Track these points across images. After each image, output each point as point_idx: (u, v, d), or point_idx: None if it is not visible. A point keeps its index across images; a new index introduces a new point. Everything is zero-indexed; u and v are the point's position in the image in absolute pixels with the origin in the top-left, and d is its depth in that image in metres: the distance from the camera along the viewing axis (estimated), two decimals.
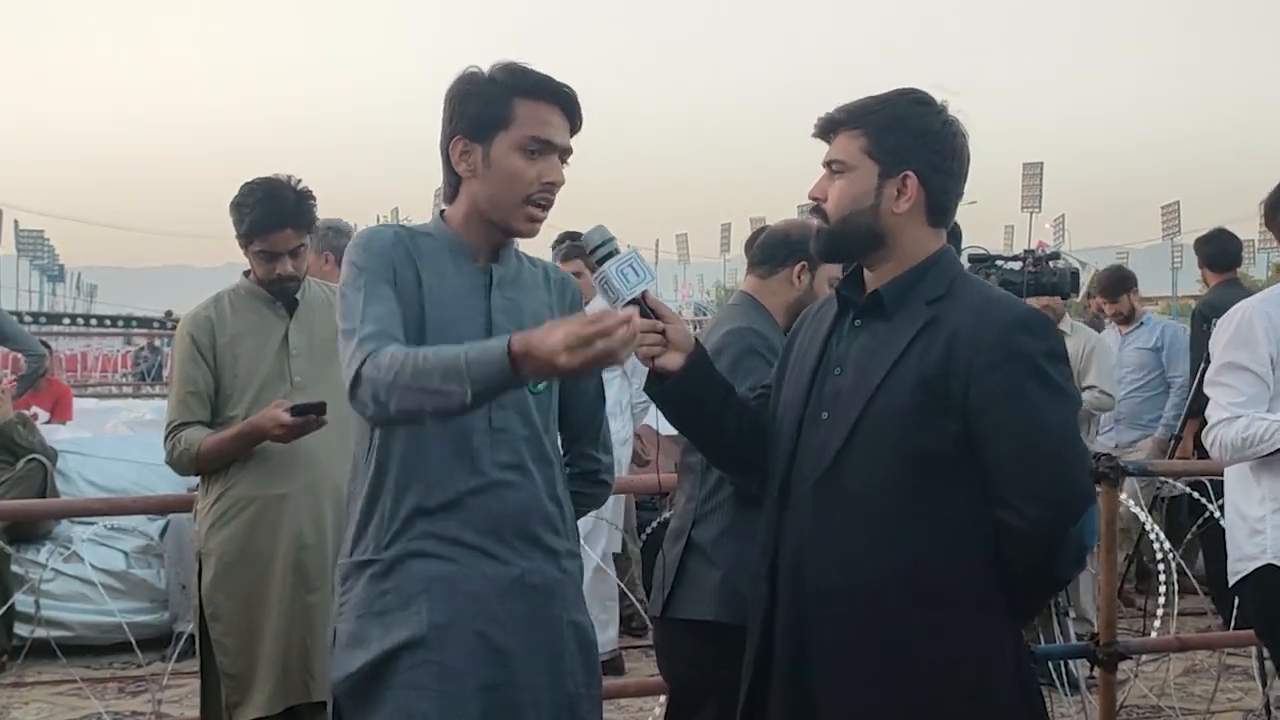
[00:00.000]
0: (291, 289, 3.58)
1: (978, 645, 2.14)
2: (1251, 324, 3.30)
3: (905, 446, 2.12)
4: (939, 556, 2.13)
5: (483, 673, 2.29)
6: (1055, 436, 2.12)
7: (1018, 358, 2.10)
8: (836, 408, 2.20)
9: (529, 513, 2.36)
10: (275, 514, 3.45)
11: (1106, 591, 4.16)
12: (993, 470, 2.11)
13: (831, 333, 2.28)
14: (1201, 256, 6.68)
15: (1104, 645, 4.10)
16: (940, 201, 2.23)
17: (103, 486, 6.45)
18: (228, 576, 3.45)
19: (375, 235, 2.38)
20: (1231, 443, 3.21)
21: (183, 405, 3.50)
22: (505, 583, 2.32)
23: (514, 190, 2.34)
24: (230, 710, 3.46)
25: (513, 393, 2.28)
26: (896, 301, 2.20)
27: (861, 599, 2.13)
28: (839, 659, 2.15)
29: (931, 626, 2.12)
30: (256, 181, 3.54)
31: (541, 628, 2.36)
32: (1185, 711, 5.06)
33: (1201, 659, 5.79)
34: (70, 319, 27.76)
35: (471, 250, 2.40)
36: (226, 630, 3.46)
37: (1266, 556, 3.30)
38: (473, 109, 2.34)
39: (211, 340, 3.52)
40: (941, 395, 2.11)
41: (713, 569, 3.01)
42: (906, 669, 2.12)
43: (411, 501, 2.31)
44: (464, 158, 2.36)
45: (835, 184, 2.23)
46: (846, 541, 2.15)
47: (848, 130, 2.23)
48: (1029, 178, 56.32)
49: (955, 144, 2.24)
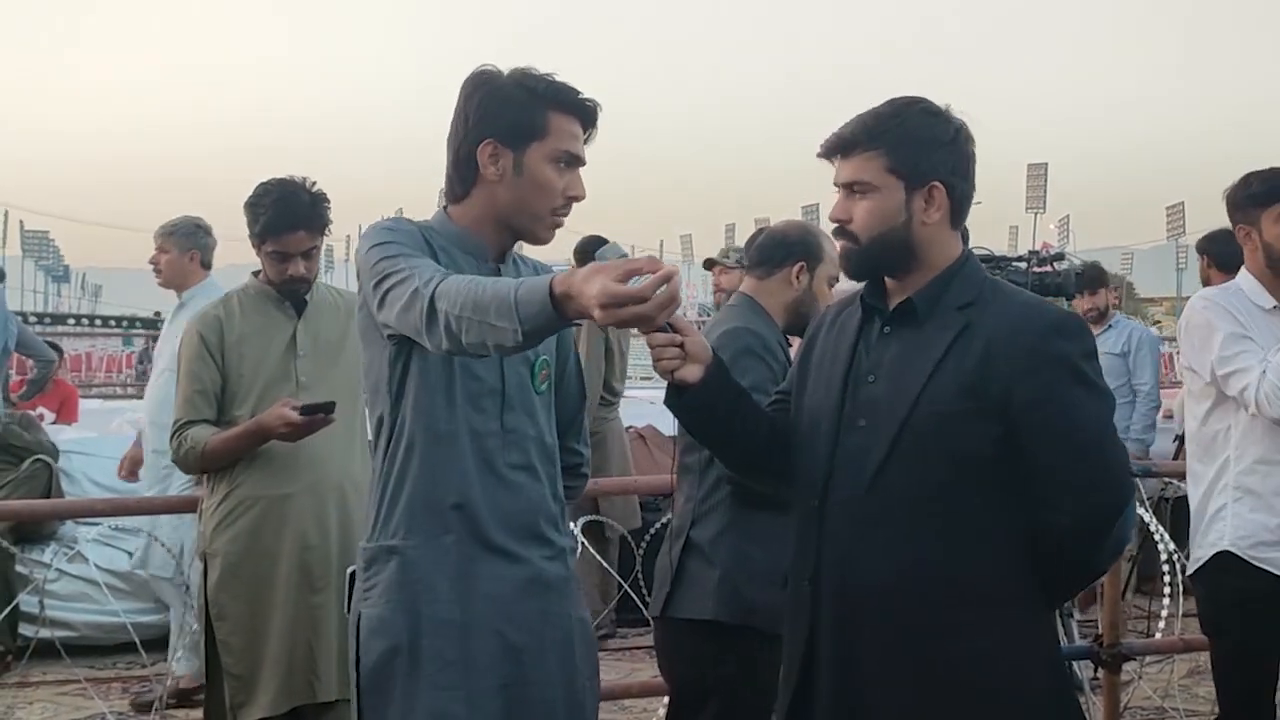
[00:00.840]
0: (302, 290, 3.59)
1: (1014, 643, 2.19)
2: (1221, 303, 3.40)
3: (949, 450, 2.16)
4: (981, 556, 2.18)
5: (501, 671, 2.33)
6: (1096, 433, 2.18)
7: (1056, 362, 2.15)
8: (875, 415, 2.23)
9: (537, 511, 2.41)
10: (279, 514, 3.45)
11: (1110, 593, 4.17)
12: (1036, 471, 2.17)
13: (858, 340, 2.31)
14: (1209, 255, 6.66)
15: (1108, 647, 4.11)
16: (962, 206, 2.27)
17: (107, 487, 6.45)
18: (233, 577, 3.47)
19: (400, 224, 2.39)
20: (1274, 386, 3.20)
21: (189, 404, 3.51)
22: (521, 581, 2.36)
23: (544, 201, 2.37)
24: (235, 710, 3.46)
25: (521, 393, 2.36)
26: (929, 308, 2.23)
27: (908, 599, 2.18)
28: (886, 660, 2.19)
29: (971, 625, 2.17)
30: (271, 182, 3.54)
31: (553, 625, 2.40)
32: (1189, 713, 5.06)
33: (1205, 660, 5.76)
34: (75, 319, 27.81)
35: (480, 250, 2.42)
36: (232, 630, 3.47)
37: (1224, 543, 3.33)
38: (508, 115, 2.35)
39: (220, 339, 3.53)
40: (981, 399, 2.15)
41: (711, 568, 3.02)
42: (947, 666, 2.17)
43: (438, 493, 2.33)
44: (493, 160, 2.36)
45: (860, 205, 2.24)
46: (894, 544, 2.19)
47: (864, 150, 2.23)
48: (1033, 178, 56.24)
49: (969, 149, 2.27)
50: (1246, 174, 3.46)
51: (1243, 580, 3.32)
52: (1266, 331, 3.33)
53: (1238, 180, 3.47)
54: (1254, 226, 3.41)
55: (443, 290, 2.11)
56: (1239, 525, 3.33)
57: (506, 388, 2.39)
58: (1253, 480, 3.33)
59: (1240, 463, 3.35)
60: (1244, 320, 3.34)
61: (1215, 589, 3.40)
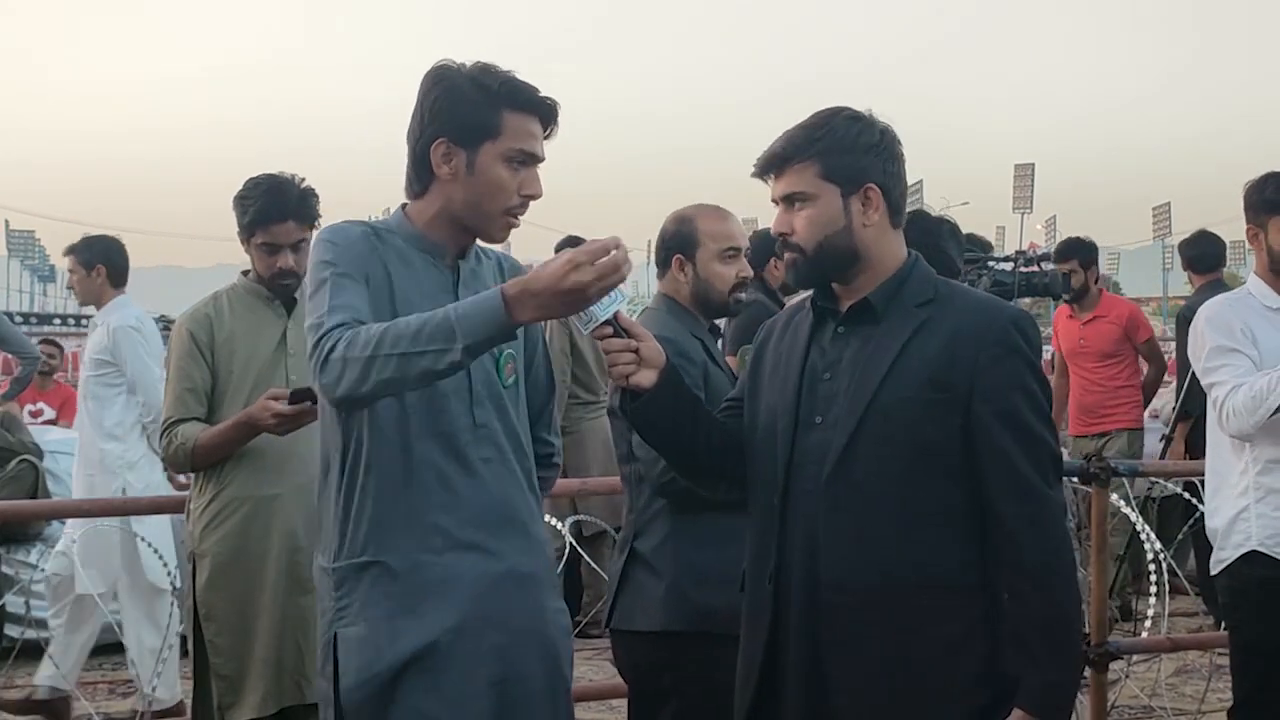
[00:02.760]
0: (291, 286, 3.56)
1: (982, 631, 2.22)
2: (1221, 314, 3.47)
3: (910, 440, 2.21)
4: (945, 544, 2.22)
5: (489, 670, 2.33)
6: (1044, 424, 2.26)
7: (1018, 352, 2.24)
8: (832, 410, 2.27)
9: (513, 505, 2.42)
10: (268, 515, 3.44)
11: (1097, 591, 4.17)
12: (990, 459, 2.21)
13: (811, 342, 2.35)
14: (1185, 259, 6.75)
15: (1095, 645, 4.11)
16: (898, 204, 2.34)
17: None
18: (222, 577, 3.45)
19: (342, 232, 2.39)
20: (1244, 405, 3.28)
21: (179, 401, 3.49)
22: (497, 576, 2.37)
23: (497, 200, 2.38)
24: (223, 711, 3.45)
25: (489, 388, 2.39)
26: (885, 306, 2.29)
27: (876, 590, 2.21)
28: (855, 651, 2.22)
29: (939, 613, 2.20)
30: (260, 176, 3.54)
31: (533, 618, 2.42)
32: (1176, 712, 5.07)
33: (1193, 659, 5.80)
34: (61, 319, 27.69)
35: (438, 249, 2.42)
36: (220, 631, 3.45)
37: (1251, 544, 3.39)
38: (461, 114, 2.35)
39: (210, 338, 3.51)
40: (945, 388, 2.21)
41: (657, 579, 3.02)
42: (916, 655, 2.20)
43: (406, 501, 2.33)
44: (446, 160, 2.37)
45: (800, 215, 2.30)
46: (860, 535, 2.22)
47: (798, 162, 2.29)
48: (1020, 179, 56.36)
49: (897, 149, 2.34)
50: (1267, 174, 3.52)
51: (1268, 571, 3.38)
52: (1275, 331, 3.40)
53: (1258, 178, 3.53)
54: (1262, 229, 3.49)
55: (350, 338, 2.16)
56: (1265, 525, 3.38)
57: (473, 384, 2.39)
58: (1272, 479, 3.38)
59: (1258, 463, 3.40)
60: (1246, 328, 3.40)
61: (1239, 582, 3.46)
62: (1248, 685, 3.50)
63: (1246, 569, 3.41)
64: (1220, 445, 3.51)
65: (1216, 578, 3.55)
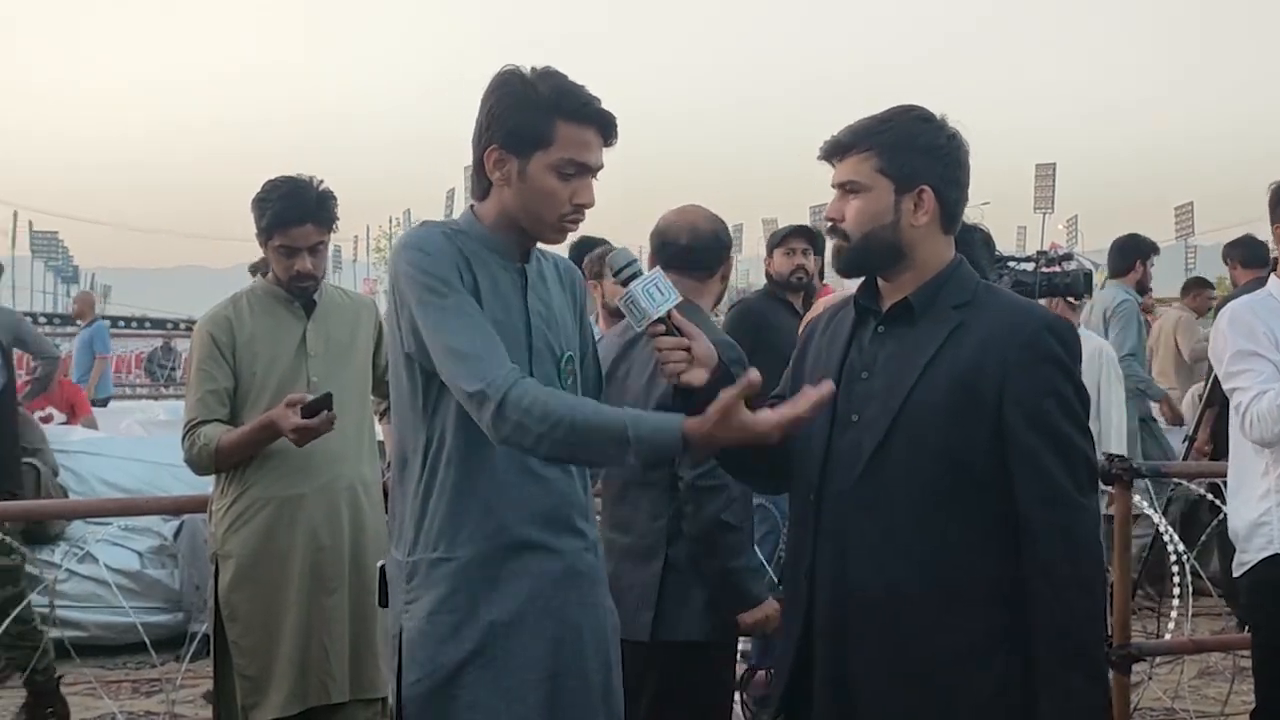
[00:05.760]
0: (310, 289, 3.58)
1: (1004, 640, 2.21)
2: (1242, 315, 3.45)
3: (941, 445, 2.21)
4: (973, 553, 2.21)
5: (544, 664, 2.37)
6: (1078, 432, 2.24)
7: (1051, 357, 2.22)
8: (867, 410, 2.28)
9: (571, 504, 2.45)
10: (292, 515, 3.46)
11: (1120, 593, 4.15)
12: (1021, 464, 2.19)
13: (851, 340, 2.35)
14: (1235, 257, 6.93)
15: (1117, 647, 4.09)
16: (952, 211, 2.33)
17: (117, 487, 6.46)
18: (246, 578, 3.47)
19: (429, 240, 2.38)
20: (1268, 412, 3.27)
21: (201, 403, 3.50)
22: (558, 574, 2.41)
23: (549, 208, 2.39)
24: (246, 711, 3.47)
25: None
26: (924, 307, 2.29)
27: (899, 594, 2.21)
28: (877, 653, 2.23)
29: (961, 621, 2.20)
30: (279, 178, 3.55)
31: (588, 615, 2.46)
32: (1199, 714, 5.05)
33: (1216, 661, 5.77)
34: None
35: (506, 249, 2.44)
36: (244, 631, 3.47)
37: (1273, 547, 3.37)
38: (513, 122, 2.35)
39: (231, 339, 3.52)
40: (974, 394, 2.20)
41: (698, 589, 3.03)
42: (938, 662, 2.20)
43: (479, 498, 2.37)
44: (498, 167, 2.38)
45: (852, 204, 2.31)
46: (886, 538, 2.23)
47: (858, 152, 2.30)
48: (1041, 179, 56.09)
49: (961, 156, 2.33)
50: None
51: None
52: None
53: None
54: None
55: (519, 402, 2.21)
56: None
57: None
58: None
59: (1278, 466, 3.38)
60: (1268, 330, 3.38)
61: (1262, 584, 3.44)
62: (1270, 687, 3.48)
63: (1268, 572, 3.40)
64: (1242, 445, 3.50)
65: (1239, 580, 3.55)
